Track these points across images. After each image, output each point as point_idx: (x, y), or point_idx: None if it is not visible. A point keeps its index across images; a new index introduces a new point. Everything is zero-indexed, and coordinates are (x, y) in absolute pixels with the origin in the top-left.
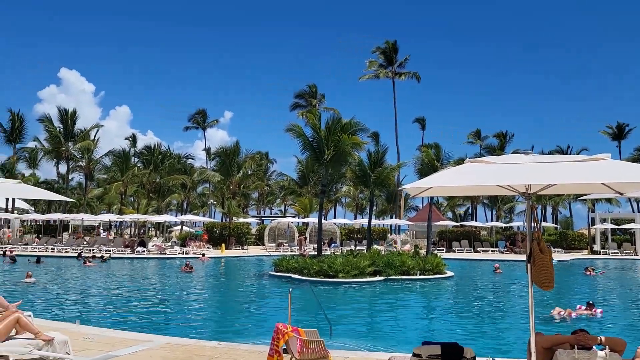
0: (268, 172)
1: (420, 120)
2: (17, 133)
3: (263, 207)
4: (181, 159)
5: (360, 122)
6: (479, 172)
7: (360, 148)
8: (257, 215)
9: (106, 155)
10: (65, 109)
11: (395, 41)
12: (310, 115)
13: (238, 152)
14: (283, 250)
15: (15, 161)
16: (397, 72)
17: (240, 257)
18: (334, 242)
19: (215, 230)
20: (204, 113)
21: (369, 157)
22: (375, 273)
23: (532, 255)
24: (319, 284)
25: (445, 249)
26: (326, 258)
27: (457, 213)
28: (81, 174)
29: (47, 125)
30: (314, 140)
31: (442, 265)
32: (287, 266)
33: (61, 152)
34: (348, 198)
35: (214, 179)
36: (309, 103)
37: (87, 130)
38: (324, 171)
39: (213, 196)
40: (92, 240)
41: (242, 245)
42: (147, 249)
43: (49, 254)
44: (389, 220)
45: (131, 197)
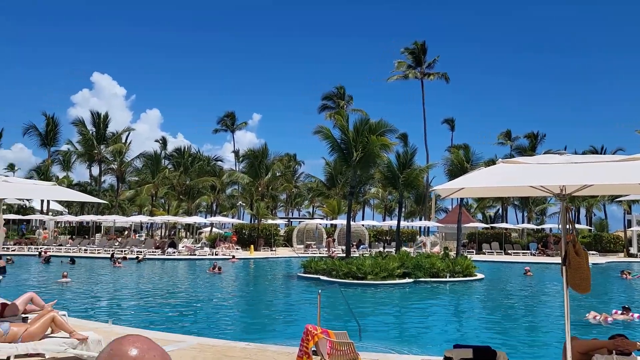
0: (296, 174)
1: (450, 121)
2: (52, 137)
3: (291, 209)
4: (210, 161)
5: (388, 123)
6: (512, 173)
7: (389, 149)
8: (285, 217)
9: (137, 158)
10: (97, 113)
11: (424, 42)
12: (338, 116)
13: (266, 154)
14: (311, 251)
15: (50, 164)
16: (425, 73)
17: (269, 258)
18: (363, 244)
19: (244, 232)
20: (233, 116)
21: (397, 159)
22: (405, 275)
23: (567, 258)
24: (347, 285)
25: (475, 251)
26: (355, 260)
27: (487, 215)
28: (113, 176)
29: (80, 129)
30: (342, 142)
31: (472, 268)
32: (315, 268)
33: (94, 155)
34: (376, 199)
35: (243, 180)
36: (337, 105)
37: (119, 133)
38: (353, 173)
39: (242, 198)
40: (124, 241)
41: (270, 247)
42: (178, 250)
43: (82, 254)
44: (417, 221)
45: (162, 198)
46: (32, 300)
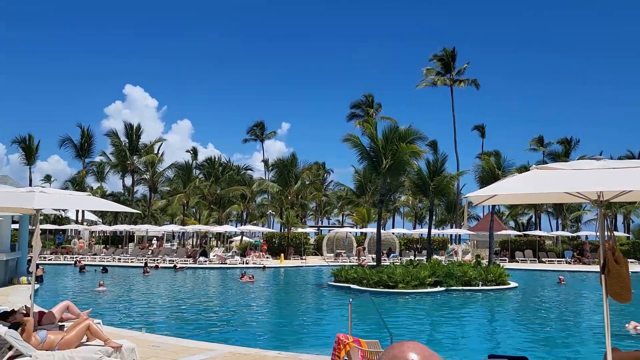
0: (325, 182)
1: (480, 128)
2: (86, 148)
3: (321, 217)
4: (240, 171)
5: (418, 131)
6: (547, 179)
7: (419, 157)
8: (315, 226)
9: (169, 168)
10: (130, 124)
11: (453, 48)
12: (367, 124)
13: (295, 162)
14: (341, 260)
15: (85, 175)
16: (455, 80)
17: (299, 267)
18: (393, 252)
19: (274, 241)
20: (262, 125)
21: (427, 166)
22: (436, 283)
23: (607, 266)
24: (378, 294)
25: (507, 259)
26: (385, 268)
27: (519, 222)
28: (146, 186)
29: (113, 140)
30: (371, 150)
31: (505, 276)
32: (346, 276)
33: (127, 166)
34: (407, 207)
35: (273, 189)
36: (366, 113)
37: (151, 144)
38: (382, 181)
39: (271, 207)
40: (157, 250)
41: (300, 256)
42: (209, 259)
43: (115, 263)
44: (448, 229)
45: (193, 208)
46: (68, 308)
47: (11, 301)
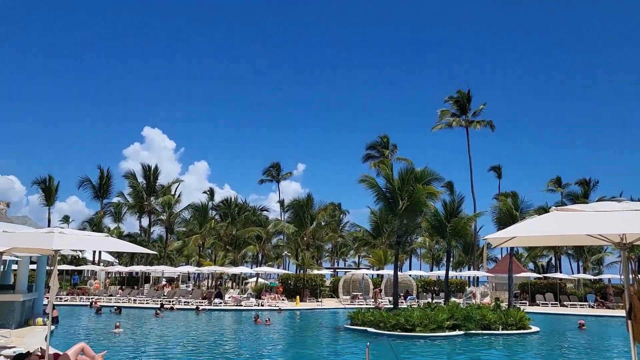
0: (341, 224)
1: (496, 169)
2: (105, 189)
3: (337, 259)
4: (256, 211)
5: (434, 172)
6: (567, 221)
7: (436, 198)
8: (331, 267)
9: (185, 209)
10: (148, 166)
11: (468, 90)
12: (383, 165)
13: (311, 203)
14: (358, 303)
15: (102, 216)
16: (470, 121)
17: (315, 309)
18: (410, 295)
19: (289, 282)
20: (278, 166)
21: (444, 207)
22: (454, 327)
23: (633, 311)
24: (395, 337)
25: (528, 302)
26: (403, 311)
27: (538, 264)
28: (162, 227)
29: (131, 181)
30: (387, 191)
31: (526, 320)
32: (362, 319)
33: (144, 207)
34: (423, 249)
35: (288, 230)
36: (381, 154)
37: (168, 185)
38: (399, 222)
39: (287, 248)
40: (172, 291)
41: (316, 298)
42: (224, 301)
43: (131, 305)
44: (466, 271)
45: (209, 249)
46: (83, 350)
47: (27, 343)
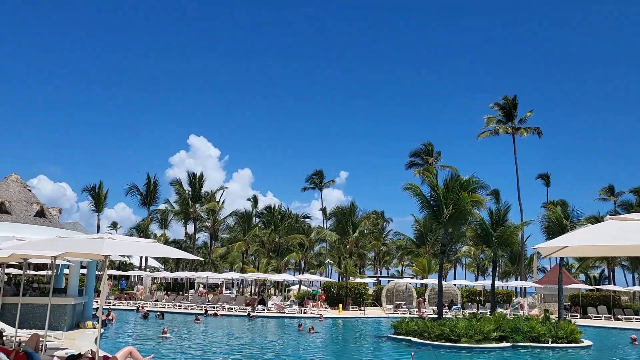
0: (384, 232)
1: (544, 177)
2: (151, 196)
3: (380, 267)
4: (299, 219)
5: (480, 180)
6: (624, 230)
7: (481, 206)
8: (373, 276)
9: (230, 216)
10: (193, 173)
11: (514, 96)
12: (427, 173)
13: (354, 211)
14: (401, 312)
15: (149, 222)
16: (517, 128)
17: (358, 318)
18: (455, 305)
19: (332, 290)
20: (321, 174)
21: (490, 216)
22: (501, 339)
23: None
24: (440, 348)
25: (579, 315)
26: (447, 321)
27: (590, 275)
28: (207, 233)
29: (177, 189)
30: (431, 199)
31: (577, 333)
32: (406, 329)
33: (189, 213)
34: (468, 258)
35: (331, 238)
36: (425, 161)
37: (213, 192)
38: (443, 230)
39: (330, 255)
40: (215, 298)
41: (359, 306)
42: (267, 308)
43: (176, 310)
44: (513, 282)
45: (252, 255)
46: (131, 354)
47: (78, 345)
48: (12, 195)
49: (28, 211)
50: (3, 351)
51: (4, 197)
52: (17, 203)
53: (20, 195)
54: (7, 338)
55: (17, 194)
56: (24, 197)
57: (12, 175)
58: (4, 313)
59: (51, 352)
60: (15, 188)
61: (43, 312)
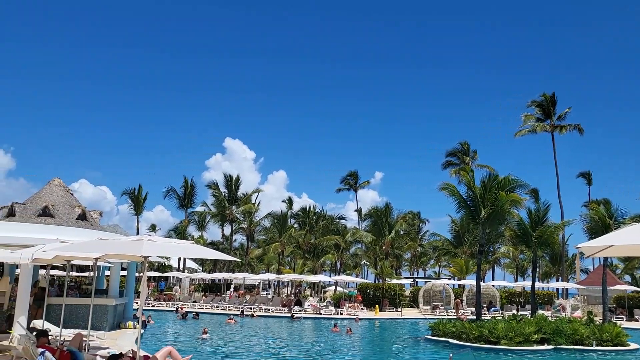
0: (421, 232)
1: (586, 175)
2: (189, 199)
3: (416, 269)
4: (334, 220)
5: (518, 179)
6: None
7: (520, 206)
8: (410, 277)
9: (265, 218)
10: (230, 175)
11: (553, 93)
12: (464, 172)
13: (389, 212)
14: (439, 313)
15: (187, 224)
16: (556, 125)
17: (394, 319)
18: (494, 306)
19: (368, 291)
20: (356, 175)
21: (529, 215)
22: (543, 341)
23: None
24: (478, 350)
25: (625, 317)
26: (486, 323)
27: (637, 276)
28: (243, 235)
29: (214, 191)
30: (469, 199)
31: (623, 336)
32: (444, 330)
33: (226, 215)
34: (507, 259)
35: (366, 239)
36: (462, 161)
37: (249, 194)
38: (481, 230)
39: (365, 257)
40: (252, 299)
41: (395, 307)
42: (303, 309)
43: (213, 311)
44: (554, 283)
45: (288, 257)
46: (171, 354)
47: (119, 345)
48: (55, 199)
49: (70, 214)
50: (49, 350)
51: (48, 201)
52: (60, 206)
53: (63, 199)
54: (52, 337)
55: (60, 197)
56: (66, 201)
57: (55, 180)
58: (49, 313)
59: (94, 351)
60: (58, 192)
61: (86, 313)
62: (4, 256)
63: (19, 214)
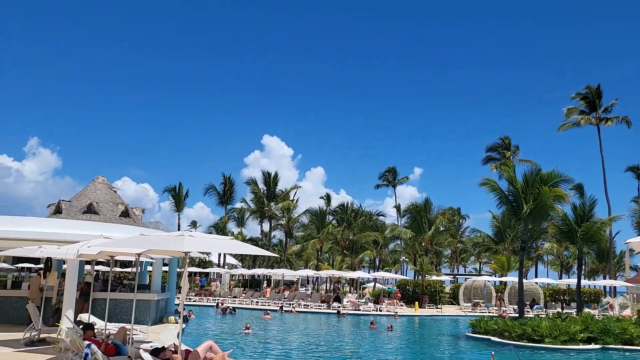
0: (461, 228)
1: (635, 169)
2: (228, 195)
3: (456, 265)
4: (372, 217)
5: (562, 173)
6: None
7: (564, 201)
8: (450, 274)
9: (303, 214)
10: (268, 172)
11: (598, 85)
12: (505, 167)
13: (429, 208)
14: (480, 310)
15: (227, 221)
16: (601, 118)
17: (434, 316)
18: (537, 304)
19: (408, 288)
20: (394, 171)
21: (574, 211)
22: (589, 340)
23: None
24: (522, 348)
25: None
26: (529, 321)
27: None
28: (282, 231)
29: (252, 188)
30: (510, 194)
31: None
32: (485, 328)
33: (265, 212)
34: (551, 255)
35: (406, 235)
36: (503, 156)
37: (287, 191)
38: (523, 226)
39: (405, 253)
40: (291, 294)
41: (435, 304)
42: (342, 305)
43: (253, 306)
44: (601, 280)
45: (326, 253)
46: (211, 348)
47: (161, 339)
48: (99, 196)
49: (114, 211)
50: (95, 342)
51: (93, 199)
52: (104, 204)
53: (107, 196)
54: (98, 330)
55: (104, 195)
56: (110, 199)
57: (98, 178)
58: (94, 307)
59: (137, 344)
60: (102, 190)
61: (129, 307)
62: (52, 252)
63: (65, 211)
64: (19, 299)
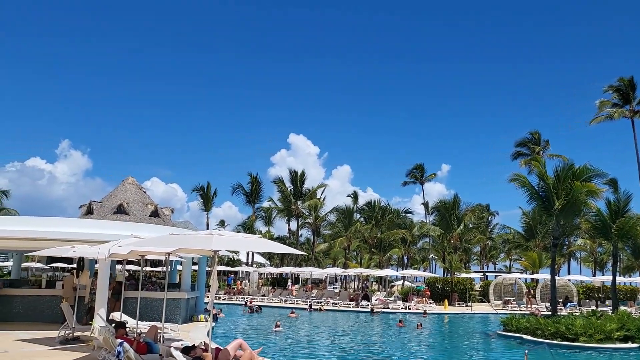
0: (490, 225)
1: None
2: (255, 194)
3: (486, 262)
4: (400, 214)
5: (595, 168)
6: None
7: (597, 196)
8: (480, 271)
9: (331, 212)
10: (294, 171)
11: (631, 77)
12: (536, 162)
13: (457, 205)
14: (510, 308)
15: (254, 219)
16: (636, 111)
17: (464, 314)
18: (570, 302)
19: (437, 286)
20: (422, 167)
21: (608, 206)
22: (626, 339)
23: None
24: (555, 347)
25: None
26: (563, 319)
27: None
28: (309, 229)
29: (279, 186)
30: (541, 190)
31: None
32: (517, 326)
33: (292, 210)
34: (584, 252)
35: (434, 233)
36: (532, 151)
37: (314, 189)
38: (555, 222)
39: (433, 250)
40: (320, 292)
41: (465, 302)
42: (371, 303)
43: (281, 305)
44: (638, 277)
45: (354, 251)
46: (241, 346)
47: (191, 337)
48: (129, 197)
49: (144, 211)
50: (127, 340)
51: (123, 199)
52: (134, 204)
53: (136, 197)
54: (130, 329)
55: (134, 195)
56: (139, 199)
57: (128, 178)
58: (126, 306)
59: (168, 342)
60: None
61: (160, 306)
62: (84, 251)
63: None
64: (53, 298)
